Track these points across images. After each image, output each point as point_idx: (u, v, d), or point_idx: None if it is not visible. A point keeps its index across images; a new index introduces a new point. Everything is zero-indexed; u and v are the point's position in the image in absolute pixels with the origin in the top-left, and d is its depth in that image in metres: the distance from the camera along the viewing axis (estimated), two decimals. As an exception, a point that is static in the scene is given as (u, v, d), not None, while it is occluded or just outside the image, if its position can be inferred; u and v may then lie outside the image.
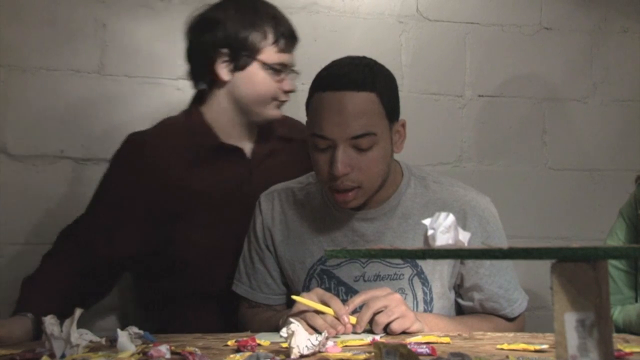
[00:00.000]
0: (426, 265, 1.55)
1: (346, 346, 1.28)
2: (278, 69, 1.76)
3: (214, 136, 1.80)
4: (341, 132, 1.44)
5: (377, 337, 1.35)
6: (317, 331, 1.34)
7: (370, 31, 2.36)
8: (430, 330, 1.44)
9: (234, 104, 1.80)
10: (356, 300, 1.41)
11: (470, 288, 1.57)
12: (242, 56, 1.75)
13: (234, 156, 1.82)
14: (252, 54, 1.75)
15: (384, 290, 1.43)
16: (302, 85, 1.57)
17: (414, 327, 1.41)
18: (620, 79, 2.58)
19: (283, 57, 1.77)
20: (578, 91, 2.49)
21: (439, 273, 1.56)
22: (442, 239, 1.22)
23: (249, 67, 1.76)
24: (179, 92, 2.18)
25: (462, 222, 1.50)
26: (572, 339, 0.82)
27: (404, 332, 1.40)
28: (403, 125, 1.54)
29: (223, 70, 1.77)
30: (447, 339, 1.32)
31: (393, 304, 1.40)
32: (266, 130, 1.85)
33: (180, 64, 2.19)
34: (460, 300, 1.60)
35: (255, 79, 1.76)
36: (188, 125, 1.82)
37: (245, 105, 1.79)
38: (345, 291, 1.56)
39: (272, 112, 1.80)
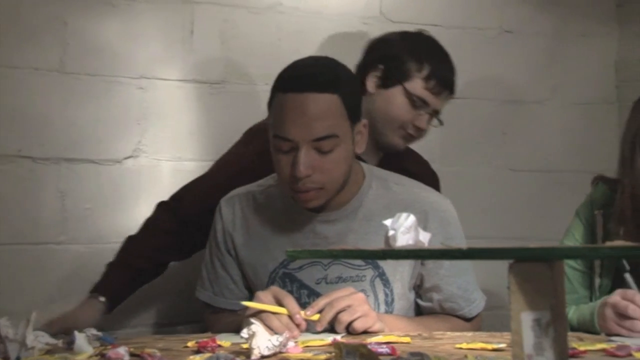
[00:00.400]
0: (387, 266, 1.56)
1: (307, 346, 1.28)
2: (417, 104, 1.86)
3: None
4: (303, 134, 1.44)
5: (338, 337, 1.36)
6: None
7: (334, 32, 2.36)
8: (390, 330, 1.44)
9: (366, 118, 1.86)
10: (320, 302, 1.41)
11: (429, 289, 1.58)
12: (392, 76, 1.86)
13: None
14: (401, 79, 1.86)
15: (348, 290, 1.44)
16: (266, 85, 1.57)
17: (376, 326, 1.42)
18: (579, 82, 2.62)
19: (427, 95, 1.86)
20: (538, 94, 2.52)
21: (400, 274, 1.56)
22: (403, 240, 1.23)
23: (393, 88, 1.87)
24: (141, 91, 2.16)
25: (424, 223, 1.51)
26: (528, 338, 0.83)
27: (365, 332, 1.40)
28: (365, 126, 1.54)
29: (370, 83, 1.89)
30: (407, 339, 1.33)
31: (356, 303, 1.40)
32: (392, 157, 1.94)
33: (142, 63, 2.18)
34: (419, 301, 1.61)
35: (393, 100, 1.86)
36: None
37: (373, 122, 1.85)
38: (308, 294, 1.56)
39: (395, 139, 1.90)
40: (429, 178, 2.01)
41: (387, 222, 1.23)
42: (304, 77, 1.46)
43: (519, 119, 2.51)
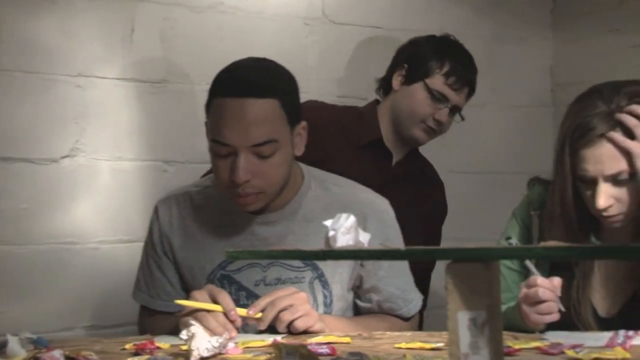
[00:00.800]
0: (326, 268, 1.56)
1: (247, 347, 1.28)
2: (438, 97, 2.00)
3: (378, 130, 2.04)
4: (242, 140, 1.43)
5: (279, 338, 1.36)
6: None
7: (276, 32, 2.36)
8: (330, 331, 1.45)
9: (392, 113, 2.05)
10: (262, 302, 1.41)
11: (368, 289, 1.59)
12: (414, 74, 2.01)
13: (384, 157, 2.05)
14: (423, 75, 2.00)
15: (290, 289, 1.44)
16: (207, 85, 1.56)
17: (317, 326, 1.42)
18: (516, 86, 2.68)
19: (447, 90, 2.00)
20: (476, 96, 2.56)
21: (339, 276, 1.57)
22: (343, 240, 1.23)
23: (415, 84, 2.01)
24: (78, 89, 2.12)
25: (363, 224, 1.51)
26: (465, 337, 0.84)
27: (306, 332, 1.41)
28: (304, 128, 1.54)
29: (395, 81, 2.05)
30: (347, 339, 1.34)
31: (298, 302, 1.41)
32: (413, 155, 2.11)
33: (81, 61, 2.13)
34: (358, 302, 1.62)
35: (415, 95, 2.01)
36: (361, 114, 2.08)
37: (398, 117, 2.03)
38: (246, 296, 1.55)
39: (417, 132, 2.03)
40: (440, 185, 2.18)
41: (327, 222, 1.23)
42: (243, 81, 1.45)
43: (458, 121, 2.55)
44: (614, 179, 1.44)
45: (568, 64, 2.69)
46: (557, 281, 1.40)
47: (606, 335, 1.28)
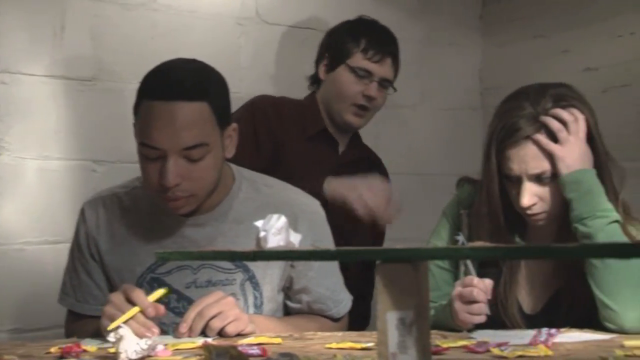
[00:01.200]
0: (257, 269, 1.55)
1: (177, 349, 1.27)
2: (362, 75, 2.03)
3: (321, 120, 2.08)
4: (172, 144, 1.41)
5: (209, 339, 1.35)
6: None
7: (209, 32, 2.34)
8: (261, 332, 1.45)
9: (324, 103, 2.09)
10: (191, 315, 1.39)
11: (299, 290, 1.59)
12: (335, 59, 2.06)
13: (331, 147, 2.09)
14: (343, 58, 2.05)
15: (216, 295, 1.43)
16: (138, 84, 1.53)
17: (248, 329, 1.42)
18: (446, 89, 2.73)
19: (368, 65, 2.03)
20: (408, 98, 2.60)
21: (270, 277, 1.57)
22: (274, 241, 1.24)
23: (338, 69, 2.06)
24: (3, 85, 2.06)
25: (293, 225, 1.50)
26: (393, 337, 0.85)
27: (237, 335, 1.40)
28: (234, 130, 1.53)
29: (321, 72, 2.10)
30: (278, 340, 1.34)
31: (227, 308, 1.40)
32: (355, 143, 2.15)
33: (6, 56, 2.07)
34: (288, 302, 1.62)
35: (339, 78, 2.05)
36: (303, 105, 2.12)
37: (329, 104, 2.07)
38: (177, 298, 1.53)
39: (350, 117, 2.06)
40: (385, 171, 2.23)
41: (259, 223, 1.23)
42: (172, 85, 1.43)
43: (391, 123, 2.58)
44: (538, 179, 1.48)
45: (496, 68, 2.75)
46: (488, 283, 1.43)
47: (530, 333, 1.31)
